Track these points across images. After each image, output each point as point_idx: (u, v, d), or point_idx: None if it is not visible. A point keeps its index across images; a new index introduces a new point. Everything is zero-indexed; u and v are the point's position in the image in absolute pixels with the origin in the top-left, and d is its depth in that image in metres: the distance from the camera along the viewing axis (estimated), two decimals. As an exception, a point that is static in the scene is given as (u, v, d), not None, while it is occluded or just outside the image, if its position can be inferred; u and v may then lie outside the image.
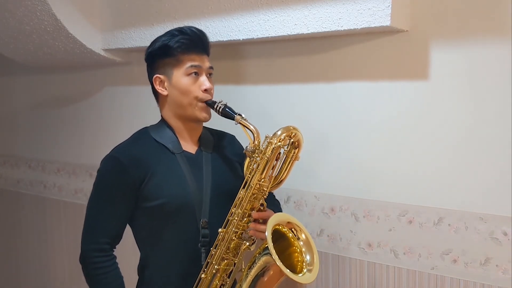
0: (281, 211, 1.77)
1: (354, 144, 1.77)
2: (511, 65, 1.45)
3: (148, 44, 2.13)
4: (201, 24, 1.95)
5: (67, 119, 2.83)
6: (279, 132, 1.51)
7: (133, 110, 2.48)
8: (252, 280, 1.48)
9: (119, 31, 2.26)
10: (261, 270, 1.46)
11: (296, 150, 1.55)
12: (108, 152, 1.61)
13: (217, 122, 1.67)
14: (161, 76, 1.59)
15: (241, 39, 1.84)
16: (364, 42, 1.71)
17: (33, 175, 3.08)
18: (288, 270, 1.40)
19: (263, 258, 1.45)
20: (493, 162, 1.51)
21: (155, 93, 1.64)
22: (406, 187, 1.67)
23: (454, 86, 1.56)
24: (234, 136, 1.80)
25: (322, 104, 1.83)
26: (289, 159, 1.55)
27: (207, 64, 1.60)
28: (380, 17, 1.53)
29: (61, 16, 2.17)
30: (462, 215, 1.57)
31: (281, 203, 1.93)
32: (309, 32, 1.69)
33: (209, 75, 1.61)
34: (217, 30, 1.91)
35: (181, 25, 1.99)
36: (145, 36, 2.16)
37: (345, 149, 1.79)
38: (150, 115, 2.37)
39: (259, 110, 1.97)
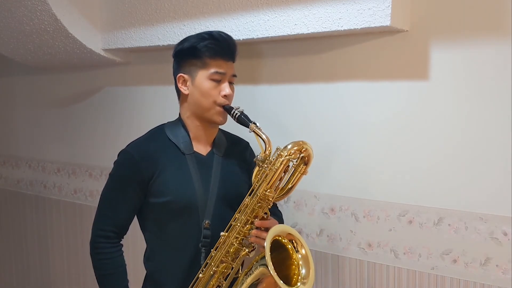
0: (283, 222, 1.80)
1: (354, 144, 1.77)
2: (511, 65, 1.45)
3: (147, 44, 2.16)
4: (201, 24, 1.95)
5: (67, 119, 2.83)
6: (289, 146, 1.53)
7: (133, 110, 2.48)
8: (248, 287, 1.51)
9: (119, 31, 2.26)
10: (257, 280, 1.49)
11: (305, 166, 1.57)
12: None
13: (232, 126, 1.68)
14: (185, 76, 1.62)
15: (241, 39, 1.84)
16: (364, 42, 1.71)
17: (33, 175, 3.08)
18: (282, 282, 1.42)
19: (260, 269, 1.47)
20: (493, 162, 1.51)
21: (178, 90, 1.67)
22: (406, 187, 1.67)
23: (454, 86, 1.56)
24: (248, 143, 1.82)
25: (322, 104, 1.83)
26: (297, 173, 1.57)
27: (231, 71, 1.63)
28: (380, 17, 1.53)
29: (61, 16, 2.17)
30: (462, 215, 1.57)
31: (281, 203, 1.94)
32: (309, 32, 1.69)
33: (231, 82, 1.64)
34: (217, 30, 1.90)
35: (181, 25, 2.02)
36: (145, 36, 2.16)
37: (345, 149, 1.79)
38: (150, 115, 2.38)
39: (257, 109, 1.97)
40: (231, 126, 1.69)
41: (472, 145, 1.54)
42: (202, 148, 1.67)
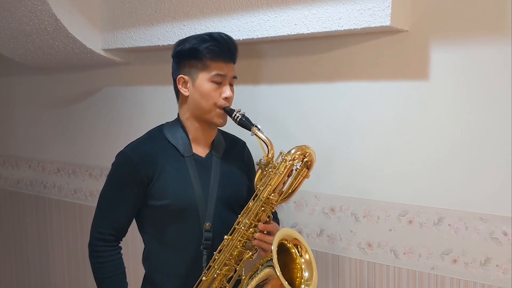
0: (278, 221, 1.81)
1: (354, 144, 1.77)
2: (511, 65, 1.45)
3: (147, 44, 2.16)
4: (201, 24, 1.95)
5: (67, 119, 2.83)
6: (293, 151, 1.54)
7: (133, 110, 2.48)
8: None
9: (119, 31, 2.26)
10: (262, 282, 1.49)
11: (308, 170, 1.57)
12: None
13: (232, 126, 1.67)
14: (185, 77, 1.61)
15: (241, 39, 1.84)
16: (364, 42, 1.71)
17: (33, 175, 3.08)
18: (287, 284, 1.41)
19: (266, 270, 1.48)
20: (493, 162, 1.51)
21: (177, 91, 1.66)
22: (406, 187, 1.67)
23: (454, 86, 1.56)
24: (245, 143, 1.83)
25: (322, 104, 1.83)
26: (299, 176, 1.58)
27: (232, 73, 1.62)
28: (380, 17, 1.53)
29: (61, 16, 2.17)
30: (462, 215, 1.57)
31: (282, 203, 1.93)
32: (309, 32, 1.69)
33: (231, 84, 1.64)
34: (217, 30, 1.90)
35: (181, 25, 2.02)
36: (145, 36, 2.16)
37: (345, 149, 1.79)
38: (150, 115, 2.38)
39: (258, 109, 1.97)
40: (230, 126, 1.68)
41: (472, 145, 1.54)
42: (201, 150, 1.67)
